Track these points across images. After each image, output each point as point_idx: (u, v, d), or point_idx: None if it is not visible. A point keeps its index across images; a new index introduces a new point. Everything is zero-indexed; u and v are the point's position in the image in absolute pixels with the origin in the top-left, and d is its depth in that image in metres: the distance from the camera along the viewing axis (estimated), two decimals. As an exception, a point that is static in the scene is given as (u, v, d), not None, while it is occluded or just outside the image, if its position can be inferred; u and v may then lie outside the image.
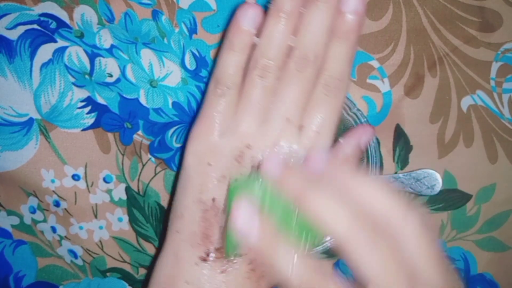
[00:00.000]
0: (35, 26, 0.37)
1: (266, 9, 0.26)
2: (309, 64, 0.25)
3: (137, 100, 0.38)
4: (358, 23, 0.25)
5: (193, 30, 0.38)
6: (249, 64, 0.26)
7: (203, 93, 0.39)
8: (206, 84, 0.28)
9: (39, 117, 0.37)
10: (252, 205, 0.23)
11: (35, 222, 0.39)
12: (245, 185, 0.24)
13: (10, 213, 0.39)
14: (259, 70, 0.25)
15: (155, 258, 0.28)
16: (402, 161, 0.40)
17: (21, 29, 0.37)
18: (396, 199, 0.21)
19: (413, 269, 0.20)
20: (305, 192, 0.22)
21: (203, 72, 0.38)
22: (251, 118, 0.26)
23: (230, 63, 0.26)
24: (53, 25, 0.37)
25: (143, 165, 0.39)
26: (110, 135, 0.38)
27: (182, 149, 0.39)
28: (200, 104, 0.28)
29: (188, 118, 0.39)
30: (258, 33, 0.26)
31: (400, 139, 0.40)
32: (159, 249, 0.29)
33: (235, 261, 0.25)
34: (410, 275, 0.20)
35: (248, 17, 0.25)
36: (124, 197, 0.39)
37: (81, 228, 0.40)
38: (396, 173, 0.40)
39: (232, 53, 0.26)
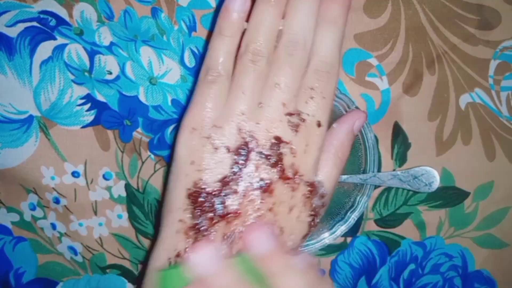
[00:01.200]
0: (34, 23, 0.37)
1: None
2: (298, 47, 0.25)
3: (136, 97, 0.38)
4: (345, 7, 0.26)
5: (192, 28, 0.38)
6: (239, 50, 0.26)
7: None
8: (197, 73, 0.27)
9: (38, 114, 0.37)
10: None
11: (35, 219, 0.40)
12: (173, 275, 0.24)
13: (10, 210, 0.39)
14: (250, 55, 0.25)
15: (149, 252, 0.28)
16: (400, 158, 0.40)
17: (21, 26, 0.37)
18: None
19: None
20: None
21: (202, 70, 0.39)
22: (244, 103, 0.25)
23: (221, 49, 0.26)
24: (53, 22, 0.37)
25: (143, 162, 0.39)
26: (109, 132, 0.38)
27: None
28: (190, 94, 0.27)
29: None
30: (248, 19, 0.26)
31: (399, 136, 0.40)
32: (152, 245, 0.28)
33: None
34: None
35: (237, 2, 0.25)
36: (124, 194, 0.40)
37: (80, 225, 0.40)
38: (394, 170, 0.40)
39: (222, 39, 0.26)
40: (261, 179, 0.25)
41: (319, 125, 0.26)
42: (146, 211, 0.40)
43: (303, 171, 0.26)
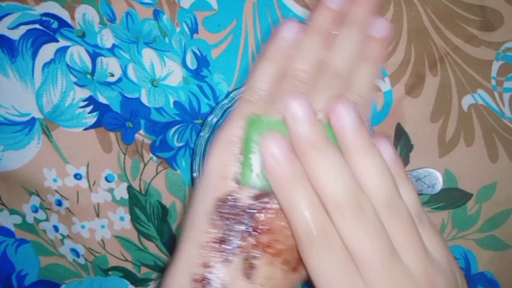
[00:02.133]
0: (37, 25, 0.37)
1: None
2: (338, 78, 0.27)
3: (138, 99, 0.38)
4: (384, 47, 0.27)
5: (194, 30, 0.38)
6: (284, 75, 0.27)
7: (205, 92, 0.39)
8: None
9: (41, 116, 0.38)
10: (283, 140, 0.24)
11: (37, 221, 0.40)
12: (265, 122, 0.25)
13: (12, 212, 0.39)
14: (294, 80, 0.27)
15: (166, 268, 0.27)
16: (403, 160, 0.40)
17: (23, 28, 0.37)
18: (391, 184, 0.24)
19: (396, 248, 0.23)
20: (318, 152, 0.23)
21: (204, 72, 0.39)
22: None
23: (265, 72, 0.27)
24: (55, 24, 0.37)
25: (145, 164, 0.39)
26: (111, 135, 0.38)
27: (171, 156, 0.39)
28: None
29: (189, 117, 0.39)
30: (296, 47, 0.28)
31: (401, 138, 0.40)
32: (171, 258, 0.28)
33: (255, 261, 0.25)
34: (392, 251, 0.23)
35: (288, 30, 0.27)
36: (126, 196, 0.40)
37: (83, 227, 0.40)
38: (397, 172, 0.40)
39: (268, 63, 0.27)
40: None
41: None
42: (148, 213, 0.40)
43: None
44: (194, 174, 0.36)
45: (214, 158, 0.26)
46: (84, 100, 0.38)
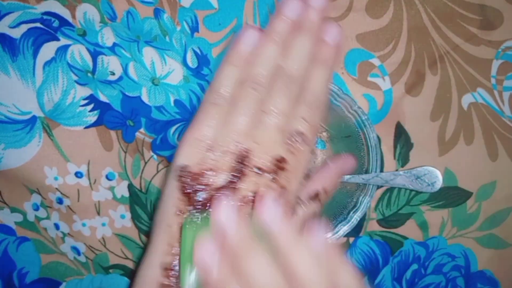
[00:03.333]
0: (38, 24, 0.37)
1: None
2: (293, 81, 0.28)
3: (139, 98, 0.38)
4: (336, 51, 0.29)
5: (194, 28, 0.38)
6: (242, 77, 0.29)
7: (203, 96, 0.39)
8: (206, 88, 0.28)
9: (42, 114, 0.38)
10: (213, 242, 0.24)
11: (38, 219, 0.40)
12: (199, 224, 0.26)
13: (13, 210, 0.40)
14: (252, 82, 0.28)
15: (139, 262, 0.28)
16: (403, 158, 0.40)
17: (24, 27, 0.37)
18: (322, 270, 0.24)
19: None
20: (245, 253, 0.24)
21: (205, 70, 0.39)
22: (243, 124, 0.28)
23: (227, 75, 0.29)
24: (56, 23, 0.37)
25: (145, 163, 0.39)
26: (112, 133, 0.39)
27: (172, 154, 0.39)
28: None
29: (190, 115, 0.39)
30: (256, 53, 0.29)
31: (401, 136, 0.40)
32: (141, 256, 0.28)
33: None
34: None
35: (248, 38, 0.29)
36: (127, 194, 0.40)
37: (84, 225, 0.40)
38: (396, 170, 0.40)
39: (229, 66, 0.29)
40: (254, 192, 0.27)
41: (309, 150, 0.29)
42: (149, 211, 0.40)
43: (289, 192, 0.28)
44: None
45: (181, 156, 0.28)
46: (85, 99, 0.38)
